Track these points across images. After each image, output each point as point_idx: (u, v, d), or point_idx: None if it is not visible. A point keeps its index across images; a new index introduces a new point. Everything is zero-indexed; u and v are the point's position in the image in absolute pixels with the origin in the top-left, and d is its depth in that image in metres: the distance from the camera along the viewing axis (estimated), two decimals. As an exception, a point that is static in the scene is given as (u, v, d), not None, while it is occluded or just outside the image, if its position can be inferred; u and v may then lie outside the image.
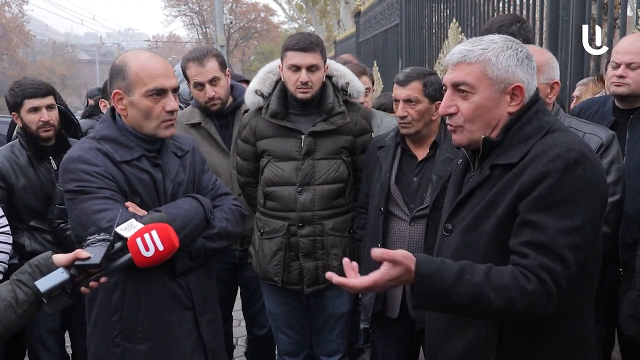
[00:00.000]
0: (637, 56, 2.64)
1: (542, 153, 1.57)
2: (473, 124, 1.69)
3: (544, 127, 1.65)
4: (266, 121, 2.84)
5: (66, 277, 1.68)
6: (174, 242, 1.82)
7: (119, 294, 2.14)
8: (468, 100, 1.68)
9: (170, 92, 2.14)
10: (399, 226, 2.63)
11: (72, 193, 2.08)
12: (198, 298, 2.26)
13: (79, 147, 2.16)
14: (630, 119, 2.70)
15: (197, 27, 49.49)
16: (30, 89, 2.97)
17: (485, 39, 1.69)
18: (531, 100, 1.68)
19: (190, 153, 2.34)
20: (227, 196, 2.41)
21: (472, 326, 1.69)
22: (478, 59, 1.65)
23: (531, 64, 1.68)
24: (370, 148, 2.83)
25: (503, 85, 1.65)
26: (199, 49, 3.19)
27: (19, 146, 3.03)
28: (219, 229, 2.26)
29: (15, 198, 2.96)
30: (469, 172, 1.80)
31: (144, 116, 2.12)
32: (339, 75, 2.91)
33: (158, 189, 2.19)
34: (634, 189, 2.51)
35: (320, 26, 23.53)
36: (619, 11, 3.37)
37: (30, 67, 45.37)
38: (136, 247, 1.76)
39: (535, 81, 1.69)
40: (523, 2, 4.21)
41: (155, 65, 2.13)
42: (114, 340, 2.17)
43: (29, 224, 3.00)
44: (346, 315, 3.01)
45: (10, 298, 1.69)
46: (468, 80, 1.66)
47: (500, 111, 1.67)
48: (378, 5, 8.88)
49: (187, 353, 2.23)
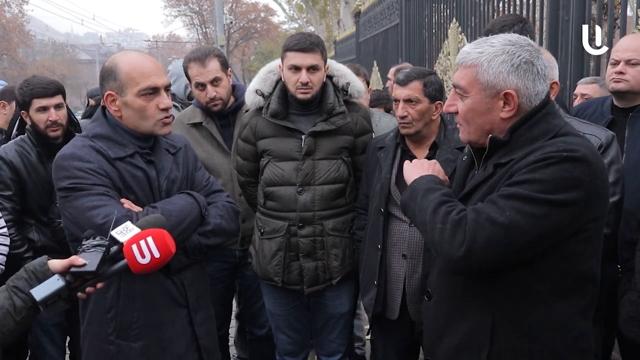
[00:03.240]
0: (636, 53, 2.65)
1: (541, 148, 1.58)
2: (468, 125, 1.73)
3: (551, 130, 1.64)
4: (266, 121, 2.84)
5: (62, 285, 1.66)
6: (170, 249, 1.80)
7: (114, 292, 2.15)
8: (463, 102, 1.71)
9: (162, 90, 2.14)
10: (399, 227, 2.63)
11: (66, 190, 2.07)
12: (192, 296, 2.27)
13: (71, 144, 2.16)
14: (628, 118, 2.71)
15: (197, 27, 49.49)
16: (38, 89, 2.99)
17: (488, 41, 1.69)
18: (542, 102, 1.67)
19: (182, 150, 2.35)
20: (221, 193, 2.42)
21: (466, 320, 1.72)
22: (473, 62, 1.67)
23: (532, 68, 1.65)
24: (369, 149, 2.83)
25: (494, 91, 1.66)
26: (201, 49, 3.18)
27: (28, 142, 3.06)
28: (214, 226, 2.26)
29: (26, 193, 3.01)
30: (473, 169, 1.82)
31: (139, 116, 2.12)
32: (340, 75, 2.91)
33: (152, 185, 2.19)
34: (633, 186, 2.51)
35: (320, 26, 23.53)
36: (619, 11, 3.37)
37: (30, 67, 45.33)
38: (132, 254, 1.73)
39: (540, 85, 1.66)
40: (523, 2, 4.21)
41: (145, 64, 2.13)
42: (108, 338, 2.17)
43: (39, 218, 3.04)
44: (346, 315, 3.01)
45: (8, 306, 1.67)
46: (462, 83, 1.70)
47: (492, 116, 1.68)
48: (378, 5, 8.88)
49: (181, 350, 2.24)
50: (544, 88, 1.68)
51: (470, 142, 1.78)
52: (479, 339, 1.69)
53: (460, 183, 1.84)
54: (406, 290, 2.62)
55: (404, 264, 2.62)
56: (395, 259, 2.64)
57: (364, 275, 2.74)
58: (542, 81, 1.67)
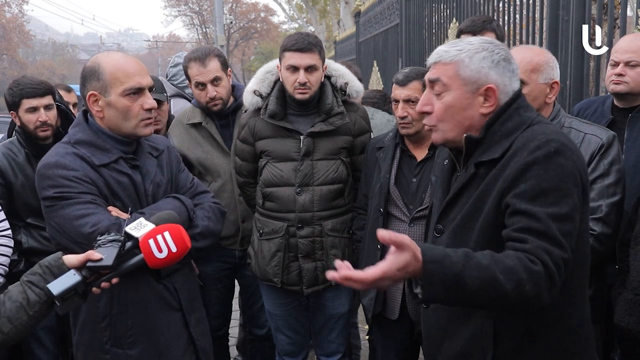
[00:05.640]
0: (635, 54, 2.65)
1: (523, 146, 1.60)
2: (445, 123, 1.72)
3: (525, 122, 1.67)
4: (265, 121, 2.83)
5: (78, 279, 1.68)
6: (187, 243, 1.81)
7: (106, 300, 2.12)
8: (441, 99, 1.71)
9: (146, 90, 2.12)
10: (399, 227, 2.62)
11: (51, 200, 2.04)
12: (185, 298, 2.26)
13: (54, 152, 2.12)
14: (628, 118, 2.71)
15: (197, 27, 49.46)
16: (28, 89, 2.97)
17: (465, 40, 1.73)
18: (512, 97, 1.70)
19: (165, 152, 2.32)
20: (206, 194, 2.42)
21: (468, 325, 1.71)
22: (453, 59, 1.69)
23: (509, 66, 1.69)
24: (368, 149, 2.82)
25: (475, 86, 1.67)
26: (201, 48, 3.18)
27: (17, 143, 3.04)
28: (202, 228, 2.26)
29: (13, 195, 2.97)
30: (456, 172, 1.82)
31: (123, 116, 2.10)
32: (338, 75, 2.90)
33: (138, 191, 2.16)
34: (632, 186, 2.50)
35: (320, 26, 23.51)
36: (619, 11, 3.36)
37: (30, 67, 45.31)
38: (149, 248, 1.75)
39: (514, 83, 1.70)
40: (523, 2, 4.20)
41: (130, 65, 2.11)
42: (104, 347, 2.14)
43: (26, 221, 3.00)
44: (345, 315, 3.01)
45: (21, 299, 1.69)
46: (442, 78, 1.70)
47: (472, 112, 1.69)
48: (378, 5, 8.87)
49: (178, 354, 2.23)
50: (517, 86, 1.72)
51: (447, 141, 1.76)
52: (482, 344, 1.68)
53: (445, 189, 1.84)
54: (406, 290, 2.62)
55: (404, 264, 2.61)
56: (394, 259, 2.63)
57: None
58: (516, 79, 1.72)
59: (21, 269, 2.91)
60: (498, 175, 1.62)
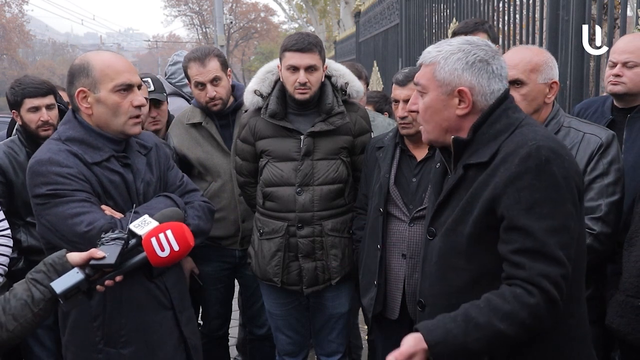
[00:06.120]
0: (633, 55, 2.65)
1: (513, 152, 1.60)
2: (427, 124, 1.76)
3: (513, 123, 1.67)
4: (265, 121, 2.83)
5: (81, 278, 1.68)
6: (190, 242, 1.81)
7: (99, 299, 2.10)
8: (422, 100, 1.75)
9: (136, 88, 2.12)
10: (399, 227, 2.63)
11: (44, 197, 2.00)
12: (176, 297, 2.26)
13: (46, 149, 2.08)
14: (627, 118, 2.71)
15: (197, 27, 49.47)
16: (30, 88, 2.98)
17: (448, 41, 1.74)
18: (500, 98, 1.70)
19: (154, 150, 2.31)
20: (196, 192, 2.42)
21: None
22: (431, 60, 1.71)
23: (486, 66, 1.67)
24: (368, 149, 2.83)
25: (449, 88, 1.69)
26: (201, 48, 3.18)
27: (18, 142, 3.05)
28: (193, 227, 2.22)
29: (14, 194, 2.98)
30: (447, 174, 1.83)
31: (112, 112, 2.08)
32: (338, 75, 2.91)
33: (130, 189, 2.15)
34: (631, 187, 2.50)
35: (320, 26, 23.51)
36: (619, 11, 3.36)
37: (30, 67, 45.35)
38: (151, 247, 1.75)
39: (496, 84, 1.68)
40: (523, 2, 4.20)
41: (119, 62, 2.11)
42: (96, 347, 2.13)
43: (25, 219, 3.00)
44: (346, 315, 3.01)
45: (26, 297, 1.69)
46: (421, 81, 1.74)
47: (449, 113, 1.71)
48: (378, 5, 8.87)
49: (170, 352, 2.23)
50: (500, 87, 1.70)
51: (431, 141, 1.80)
52: None
53: (437, 191, 1.84)
54: (406, 290, 2.62)
55: (404, 263, 2.61)
56: (394, 258, 2.64)
57: (364, 276, 2.74)
58: (498, 80, 1.70)
59: (20, 267, 2.93)
60: (487, 181, 1.62)
